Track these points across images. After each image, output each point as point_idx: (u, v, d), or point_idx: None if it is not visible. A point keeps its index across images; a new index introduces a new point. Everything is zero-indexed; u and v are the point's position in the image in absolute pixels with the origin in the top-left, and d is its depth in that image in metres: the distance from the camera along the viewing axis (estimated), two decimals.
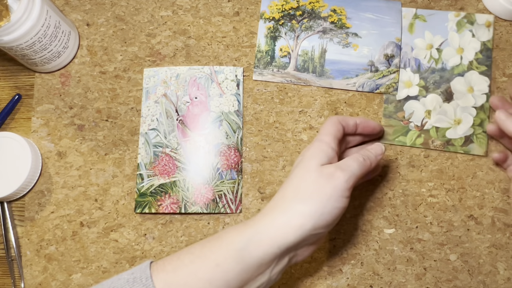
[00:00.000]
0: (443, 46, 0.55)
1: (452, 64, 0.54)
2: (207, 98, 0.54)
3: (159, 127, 0.54)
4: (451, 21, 0.56)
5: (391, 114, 0.54)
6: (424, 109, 0.54)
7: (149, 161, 0.53)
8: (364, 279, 0.51)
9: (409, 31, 0.56)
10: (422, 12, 0.56)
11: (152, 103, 0.55)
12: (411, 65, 0.55)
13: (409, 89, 0.54)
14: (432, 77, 0.54)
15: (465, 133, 0.53)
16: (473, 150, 0.53)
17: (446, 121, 0.53)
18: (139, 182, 0.53)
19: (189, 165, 0.53)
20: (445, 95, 0.54)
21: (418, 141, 0.53)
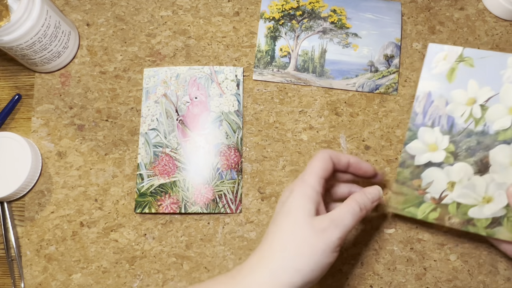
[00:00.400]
0: (491, 103, 0.42)
1: (498, 127, 0.42)
2: (207, 98, 0.54)
3: (159, 127, 0.54)
4: (510, 68, 0.41)
5: (405, 181, 0.44)
6: (448, 180, 0.43)
7: (149, 161, 0.53)
8: (364, 279, 0.51)
9: (448, 78, 0.43)
10: (470, 53, 0.42)
11: (152, 103, 0.55)
12: (441, 124, 0.43)
13: (433, 153, 0.43)
14: (466, 141, 0.42)
15: (494, 214, 0.42)
16: (499, 234, 0.42)
17: (472, 197, 0.43)
18: (139, 182, 0.53)
19: (189, 165, 0.53)
20: (478, 166, 0.42)
21: (432, 216, 0.44)
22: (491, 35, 0.57)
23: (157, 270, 0.52)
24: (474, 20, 0.57)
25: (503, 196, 0.42)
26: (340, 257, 0.52)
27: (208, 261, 0.52)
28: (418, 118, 0.43)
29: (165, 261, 0.52)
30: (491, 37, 0.57)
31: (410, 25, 0.57)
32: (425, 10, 0.58)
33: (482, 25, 0.57)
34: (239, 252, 0.52)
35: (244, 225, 0.53)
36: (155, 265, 0.52)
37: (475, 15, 0.57)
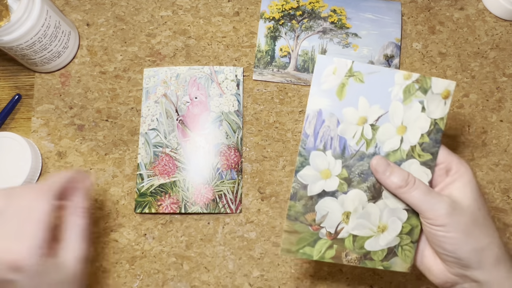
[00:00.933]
0: (381, 122, 0.39)
1: (389, 148, 0.39)
2: (207, 98, 0.54)
3: (159, 127, 0.54)
4: (397, 85, 0.39)
5: (297, 216, 0.40)
6: (342, 210, 0.40)
7: (149, 161, 0.53)
8: (364, 279, 0.51)
9: (338, 95, 0.39)
10: (360, 68, 0.38)
11: (152, 103, 0.55)
12: (334, 147, 0.39)
13: (326, 181, 0.39)
14: (359, 165, 0.39)
15: (389, 243, 0.40)
16: (395, 265, 0.41)
17: (367, 227, 0.40)
18: (139, 182, 0.53)
19: (189, 165, 0.53)
20: (371, 192, 0.39)
21: (328, 254, 0.40)
22: (491, 35, 0.57)
23: (157, 270, 0.52)
24: (474, 20, 0.57)
25: (397, 223, 0.40)
26: None
27: (208, 261, 0.52)
28: (309, 141, 0.39)
29: (165, 261, 0.52)
30: (491, 37, 0.57)
31: (410, 25, 0.57)
32: (425, 10, 0.58)
33: (482, 25, 0.57)
34: (239, 252, 0.52)
35: (244, 225, 0.53)
36: (155, 265, 0.52)
37: (475, 15, 0.57)
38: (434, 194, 0.38)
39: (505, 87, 0.55)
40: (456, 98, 0.55)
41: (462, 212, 0.37)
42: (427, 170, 0.39)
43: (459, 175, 0.38)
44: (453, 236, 0.36)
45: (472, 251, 0.36)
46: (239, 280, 0.51)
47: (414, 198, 0.38)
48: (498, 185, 0.53)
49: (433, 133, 0.39)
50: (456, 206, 0.37)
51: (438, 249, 0.38)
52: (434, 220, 0.37)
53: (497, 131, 0.54)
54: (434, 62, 0.56)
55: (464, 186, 0.38)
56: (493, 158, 0.54)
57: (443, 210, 0.36)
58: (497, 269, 0.37)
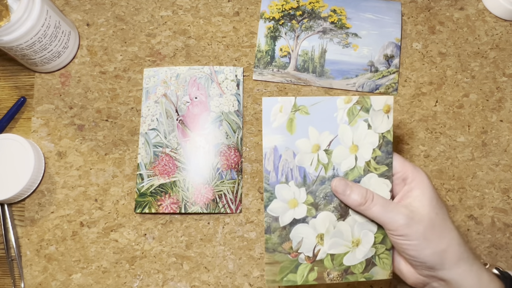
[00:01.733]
0: (333, 145, 0.42)
1: (346, 168, 0.42)
2: (207, 98, 0.54)
3: (159, 127, 0.54)
4: (340, 109, 0.41)
5: (275, 247, 0.42)
6: (315, 233, 0.42)
7: (149, 161, 0.53)
8: None
9: (288, 129, 0.41)
10: (303, 102, 0.41)
11: (152, 103, 0.55)
12: (295, 177, 0.42)
13: (295, 209, 0.42)
14: (322, 189, 0.42)
15: (366, 255, 0.42)
16: (376, 275, 0.43)
17: (342, 244, 0.42)
18: (139, 182, 0.53)
19: (189, 165, 0.53)
20: (339, 211, 0.42)
21: (311, 277, 0.42)
22: (491, 35, 0.57)
23: (157, 270, 0.52)
24: (474, 20, 0.57)
25: (369, 235, 0.42)
26: None
27: (208, 261, 0.52)
28: (271, 176, 0.42)
29: (165, 261, 0.52)
30: (491, 37, 0.57)
31: (410, 25, 0.57)
32: (425, 10, 0.58)
33: (482, 25, 0.57)
34: (239, 252, 0.52)
35: (244, 225, 0.53)
36: (155, 265, 0.52)
37: (475, 15, 0.57)
38: (392, 207, 0.40)
39: (505, 87, 0.55)
40: (456, 98, 0.55)
41: (419, 220, 0.39)
42: (386, 180, 0.42)
43: (416, 183, 0.41)
44: (413, 243, 0.39)
45: (433, 254, 0.39)
46: (239, 280, 0.51)
47: (374, 213, 0.40)
48: (498, 185, 0.53)
49: (383, 146, 0.42)
50: (413, 216, 0.39)
51: (403, 255, 0.41)
52: (395, 231, 0.39)
53: (497, 131, 0.54)
54: (434, 62, 0.56)
55: (421, 194, 0.40)
56: (493, 158, 0.54)
57: (402, 221, 0.39)
58: (458, 266, 0.39)
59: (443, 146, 0.54)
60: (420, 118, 0.55)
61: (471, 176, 0.53)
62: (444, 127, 0.55)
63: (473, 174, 0.53)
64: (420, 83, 0.56)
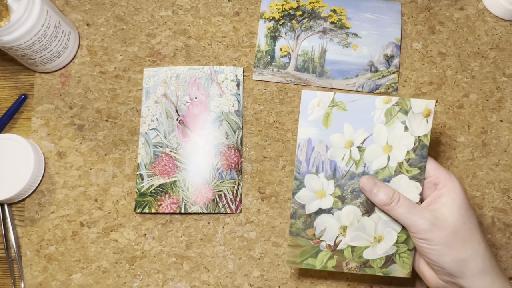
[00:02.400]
0: (367, 144, 0.43)
1: (377, 167, 0.43)
2: (207, 98, 0.54)
3: (159, 127, 0.54)
4: (378, 109, 0.42)
5: (299, 232, 0.44)
6: (339, 224, 0.44)
7: (149, 161, 0.53)
8: (364, 279, 0.51)
9: (324, 124, 0.43)
10: (341, 98, 0.43)
11: (152, 103, 0.55)
12: (325, 170, 0.43)
13: (322, 200, 0.43)
14: (350, 184, 0.43)
15: (386, 252, 0.43)
16: (394, 272, 0.44)
17: (364, 238, 0.43)
18: (139, 182, 0.53)
19: (189, 165, 0.53)
20: (365, 207, 0.43)
21: (330, 264, 0.44)
22: (491, 35, 0.57)
23: (157, 270, 0.52)
24: (474, 20, 0.57)
25: (392, 233, 0.43)
26: None
27: (208, 261, 0.52)
28: (302, 166, 0.43)
29: (165, 261, 0.52)
30: (491, 37, 0.57)
31: (410, 25, 0.57)
32: (425, 10, 0.58)
33: (482, 25, 0.57)
34: (239, 252, 0.52)
35: (244, 225, 0.53)
36: (155, 265, 0.52)
37: (475, 15, 0.57)
38: (417, 211, 0.40)
39: (505, 87, 0.55)
40: (456, 98, 0.55)
41: (443, 227, 0.39)
42: (416, 183, 0.42)
43: (447, 189, 0.40)
44: (434, 248, 0.39)
45: (453, 262, 0.39)
46: (239, 280, 0.51)
47: (398, 214, 0.41)
48: (498, 185, 0.53)
49: (418, 149, 0.42)
50: (437, 222, 0.39)
51: (424, 258, 0.41)
52: (417, 234, 0.40)
53: (497, 131, 0.54)
54: (434, 62, 0.56)
55: (451, 200, 0.40)
56: (493, 158, 0.54)
57: (424, 226, 0.39)
58: (479, 279, 0.39)
59: (443, 146, 0.54)
60: None
61: (471, 176, 0.53)
62: (444, 127, 0.55)
63: (473, 174, 0.53)
64: (420, 83, 0.56)
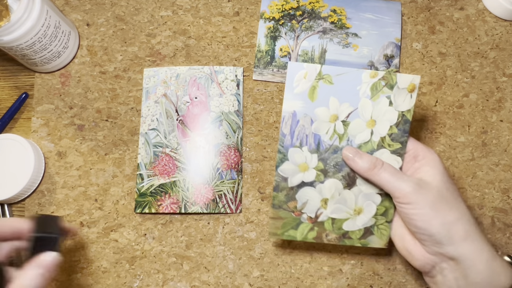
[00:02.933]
0: (352, 118, 0.43)
1: (360, 141, 0.43)
2: (207, 98, 0.54)
3: (159, 127, 0.54)
4: (365, 83, 0.42)
5: (281, 204, 0.45)
6: (321, 197, 0.44)
7: (149, 161, 0.53)
8: (364, 279, 0.51)
9: (309, 97, 0.43)
10: (328, 71, 0.42)
11: (152, 103, 0.55)
12: (309, 143, 0.43)
13: (304, 173, 0.44)
14: (333, 158, 0.43)
15: (365, 224, 0.44)
16: (372, 243, 0.45)
17: (344, 211, 0.44)
18: (139, 182, 0.53)
19: (189, 165, 0.53)
20: (346, 180, 0.44)
21: (310, 235, 0.45)
22: (491, 35, 0.57)
23: (157, 270, 0.52)
24: (474, 20, 0.57)
25: (371, 206, 0.44)
26: (340, 257, 0.52)
27: (208, 261, 0.52)
28: (286, 139, 0.43)
29: (165, 261, 0.52)
30: (491, 37, 0.57)
31: (410, 25, 0.57)
32: (425, 10, 0.58)
33: (482, 25, 0.57)
34: (239, 252, 0.52)
35: (244, 225, 0.53)
36: (155, 265, 0.52)
37: (475, 15, 0.57)
38: (400, 175, 0.41)
39: (505, 87, 0.55)
40: (456, 98, 0.55)
41: (428, 190, 0.39)
42: (397, 158, 0.43)
43: (426, 161, 0.41)
44: (421, 212, 0.39)
45: (441, 226, 0.38)
46: (239, 280, 0.51)
47: (382, 179, 0.41)
48: (498, 185, 0.53)
49: (401, 124, 0.43)
50: (422, 184, 0.39)
51: (411, 227, 0.40)
52: (402, 198, 0.40)
53: (497, 131, 0.54)
54: (434, 62, 0.56)
55: (431, 168, 0.40)
56: (493, 158, 0.54)
57: (410, 188, 0.39)
58: (468, 244, 0.38)
59: (443, 146, 0.54)
60: (420, 118, 0.55)
61: (471, 176, 0.53)
62: (444, 127, 0.55)
63: (473, 174, 0.53)
64: (420, 83, 0.56)
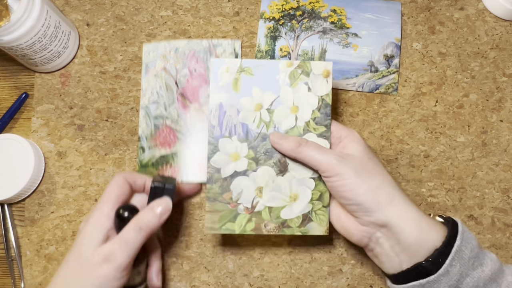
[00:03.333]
0: (275, 105, 0.45)
1: (286, 127, 0.45)
2: (206, 70, 0.55)
3: (159, 100, 0.55)
4: (282, 72, 0.45)
5: (216, 197, 0.45)
6: (255, 186, 0.45)
7: (149, 133, 0.54)
8: (364, 279, 0.51)
9: (233, 88, 0.45)
10: (248, 64, 0.45)
11: (152, 77, 0.55)
12: (238, 133, 0.45)
13: (236, 162, 0.45)
14: (263, 145, 0.45)
15: (303, 210, 0.45)
16: (312, 230, 0.45)
17: (280, 198, 0.45)
18: (140, 153, 0.54)
19: (189, 136, 0.54)
20: (278, 167, 0.45)
21: (249, 227, 0.45)
22: (491, 35, 0.57)
23: None
24: (474, 20, 0.57)
25: (306, 191, 0.45)
26: (340, 257, 0.52)
27: (208, 261, 0.52)
28: (216, 130, 0.45)
29: (165, 261, 0.52)
30: (491, 37, 0.57)
31: (410, 25, 0.57)
32: (425, 10, 0.58)
33: (482, 25, 0.57)
34: (239, 252, 0.52)
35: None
36: None
37: (475, 15, 0.57)
38: (324, 150, 0.43)
39: (505, 87, 0.55)
40: (456, 98, 0.55)
41: (351, 160, 0.42)
42: (324, 140, 0.45)
43: (349, 138, 0.44)
44: (347, 182, 0.41)
45: (367, 192, 0.40)
46: (239, 280, 0.51)
47: (308, 156, 0.43)
48: (498, 185, 0.53)
49: (322, 108, 0.45)
50: (345, 156, 0.42)
51: (341, 200, 0.42)
52: (328, 172, 0.42)
53: (497, 131, 0.54)
54: (434, 62, 0.56)
55: (353, 143, 0.43)
56: (493, 158, 0.54)
57: (334, 160, 0.41)
58: (394, 206, 0.40)
59: (443, 146, 0.54)
60: (420, 118, 0.55)
61: (471, 176, 0.53)
62: (444, 127, 0.55)
63: (473, 174, 0.53)
64: (420, 83, 0.56)
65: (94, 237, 0.40)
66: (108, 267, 0.39)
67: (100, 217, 0.41)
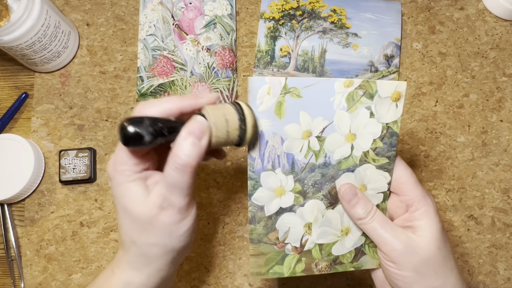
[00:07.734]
0: (327, 132, 0.37)
1: (339, 156, 0.38)
2: (201, 3, 0.57)
3: (157, 32, 0.56)
4: (339, 94, 0.37)
5: (260, 238, 0.39)
6: (303, 222, 0.39)
7: (148, 64, 0.56)
8: (364, 279, 0.51)
9: (277, 114, 0.36)
10: (295, 84, 0.36)
11: (149, 11, 0.57)
12: (282, 164, 0.38)
13: (281, 198, 0.38)
14: (311, 177, 0.38)
15: (355, 244, 0.40)
16: (365, 264, 0.41)
17: (331, 233, 0.40)
18: (139, 83, 0.55)
19: (186, 65, 0.55)
20: (328, 199, 0.39)
21: (298, 268, 0.40)
22: (491, 35, 0.57)
23: None
24: (474, 20, 0.57)
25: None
26: None
27: (208, 261, 0.52)
28: (256, 163, 0.38)
29: None
30: (491, 37, 0.57)
31: (410, 25, 0.57)
32: (425, 10, 0.58)
33: (482, 25, 0.57)
34: (239, 252, 0.52)
35: (244, 225, 0.53)
36: None
37: (475, 15, 0.57)
38: (390, 227, 0.37)
39: (505, 87, 0.55)
40: (456, 98, 0.55)
41: (416, 252, 0.36)
42: (384, 173, 0.39)
43: (420, 213, 0.37)
44: (404, 274, 0.36)
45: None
46: (239, 280, 0.51)
47: (371, 228, 0.37)
48: (498, 185, 0.53)
49: (386, 137, 0.38)
50: (411, 244, 0.36)
51: (392, 285, 0.38)
52: (388, 254, 0.36)
53: (497, 131, 0.54)
54: (434, 62, 0.56)
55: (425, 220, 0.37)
56: (493, 158, 0.54)
57: (397, 246, 0.36)
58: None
59: (443, 146, 0.54)
60: (420, 118, 0.55)
61: (471, 176, 0.53)
62: (444, 127, 0.55)
63: (473, 174, 0.53)
64: (420, 83, 0.56)
65: (135, 195, 0.35)
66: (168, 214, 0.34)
67: (122, 176, 0.35)
